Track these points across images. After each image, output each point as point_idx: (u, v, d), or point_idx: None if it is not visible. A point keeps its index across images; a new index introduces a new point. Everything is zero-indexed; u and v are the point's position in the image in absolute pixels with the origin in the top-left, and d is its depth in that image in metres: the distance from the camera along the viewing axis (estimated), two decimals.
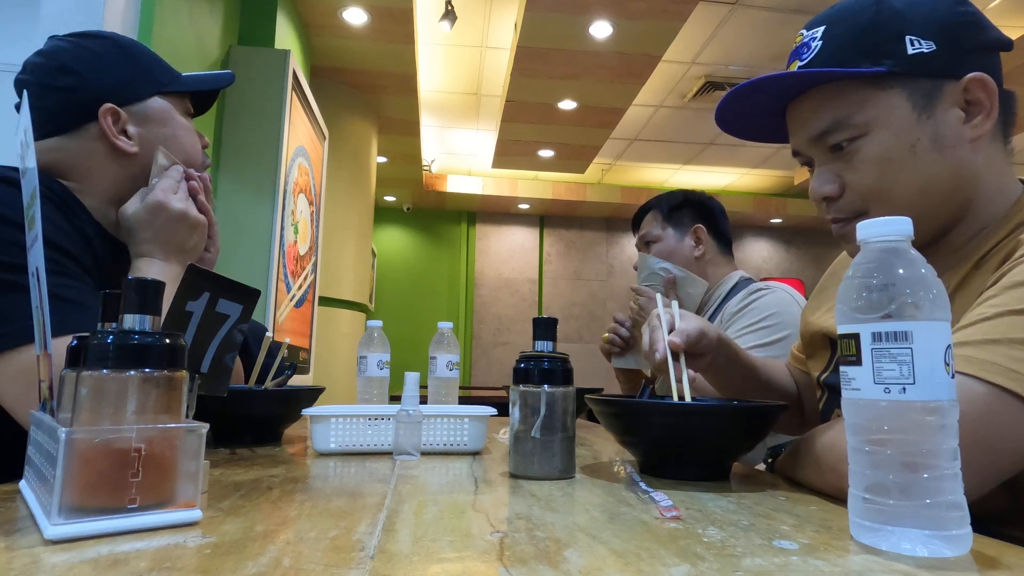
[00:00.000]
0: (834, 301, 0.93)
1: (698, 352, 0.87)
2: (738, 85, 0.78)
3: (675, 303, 0.88)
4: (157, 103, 1.01)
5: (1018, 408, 0.57)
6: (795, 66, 0.78)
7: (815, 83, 0.76)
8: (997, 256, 0.70)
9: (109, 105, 0.96)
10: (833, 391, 0.87)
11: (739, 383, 0.96)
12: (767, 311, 1.41)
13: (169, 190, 0.97)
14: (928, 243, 0.77)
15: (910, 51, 0.72)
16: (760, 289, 1.49)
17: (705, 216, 1.64)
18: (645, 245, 1.67)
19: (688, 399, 0.80)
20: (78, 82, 0.97)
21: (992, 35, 0.75)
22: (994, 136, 0.75)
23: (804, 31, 0.79)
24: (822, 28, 0.76)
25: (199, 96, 1.12)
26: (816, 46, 0.76)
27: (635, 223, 1.75)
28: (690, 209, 1.65)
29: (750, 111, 0.84)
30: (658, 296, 0.92)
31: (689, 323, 0.85)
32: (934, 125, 0.72)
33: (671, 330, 0.84)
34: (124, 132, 0.98)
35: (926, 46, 0.72)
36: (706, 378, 0.97)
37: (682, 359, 0.83)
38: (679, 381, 0.81)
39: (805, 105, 0.78)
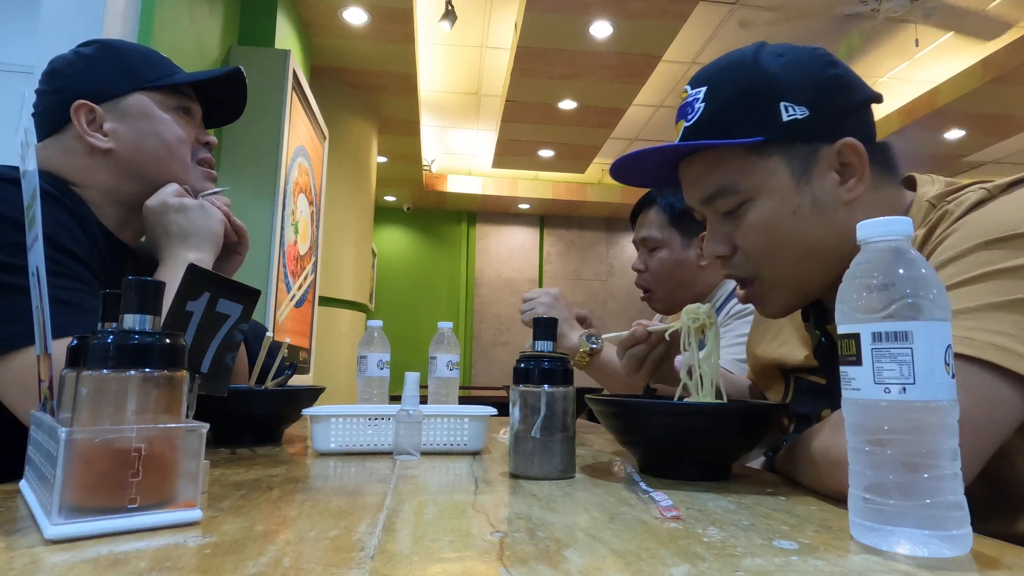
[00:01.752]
0: (776, 331, 0.97)
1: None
2: (626, 155, 0.80)
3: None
4: (136, 99, 0.99)
5: (976, 374, 0.59)
6: (681, 125, 0.79)
7: (699, 151, 0.78)
8: None
9: (81, 102, 0.96)
10: (800, 418, 0.89)
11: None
12: None
13: (171, 194, 0.99)
14: (831, 287, 0.79)
15: (785, 118, 0.73)
16: None
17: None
18: (646, 248, 1.56)
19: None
20: (62, 84, 0.98)
21: (862, 94, 0.77)
22: (876, 188, 0.76)
23: (688, 88, 0.79)
24: (704, 89, 0.77)
25: (215, 100, 1.10)
26: (699, 108, 0.77)
27: (633, 216, 1.63)
28: (693, 215, 1.60)
29: (648, 167, 0.85)
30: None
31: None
32: (812, 190, 0.74)
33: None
34: (101, 129, 0.97)
35: (800, 112, 0.73)
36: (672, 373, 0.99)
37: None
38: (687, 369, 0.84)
39: (693, 169, 0.80)
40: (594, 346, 1.36)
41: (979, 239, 0.65)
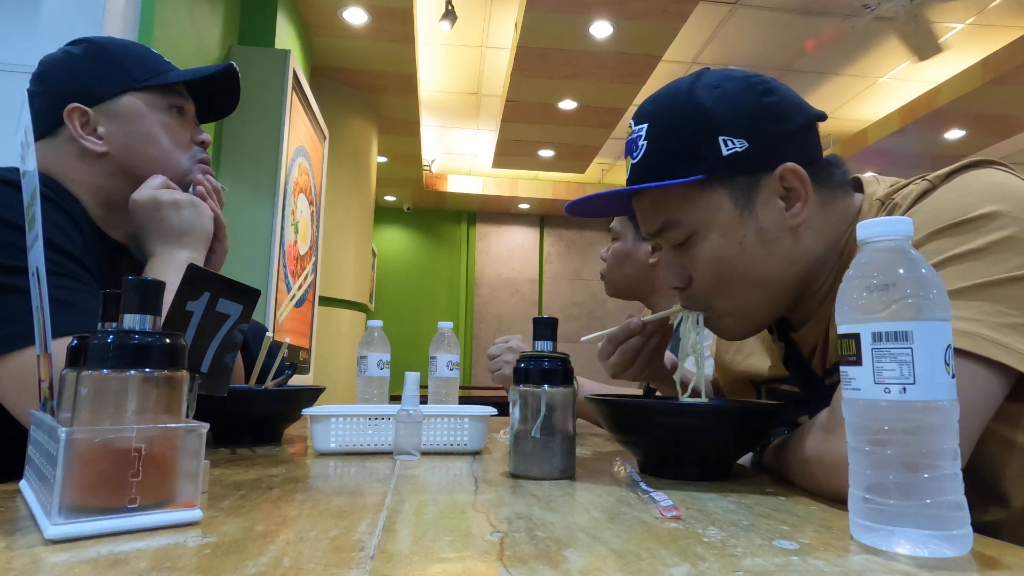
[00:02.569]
0: (741, 343, 0.97)
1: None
2: (581, 198, 0.83)
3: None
4: (127, 100, 0.98)
5: (956, 363, 0.58)
6: (628, 162, 0.80)
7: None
8: None
9: (74, 105, 0.95)
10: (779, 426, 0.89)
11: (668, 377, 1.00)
12: None
13: (159, 186, 0.98)
14: (792, 308, 0.81)
15: (724, 152, 0.73)
16: None
17: None
18: (610, 238, 1.66)
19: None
20: (52, 86, 0.98)
21: (802, 117, 0.76)
22: (824, 205, 0.77)
23: (632, 123, 0.80)
24: (646, 126, 0.78)
25: (208, 95, 1.09)
26: (642, 146, 0.77)
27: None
28: None
29: (603, 203, 0.86)
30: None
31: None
32: (756, 220, 0.75)
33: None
34: (95, 132, 0.97)
35: (739, 144, 0.73)
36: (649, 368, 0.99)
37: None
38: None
39: (641, 203, 0.82)
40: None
41: (928, 229, 0.65)
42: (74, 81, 0.97)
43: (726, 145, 0.73)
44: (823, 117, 0.79)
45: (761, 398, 0.94)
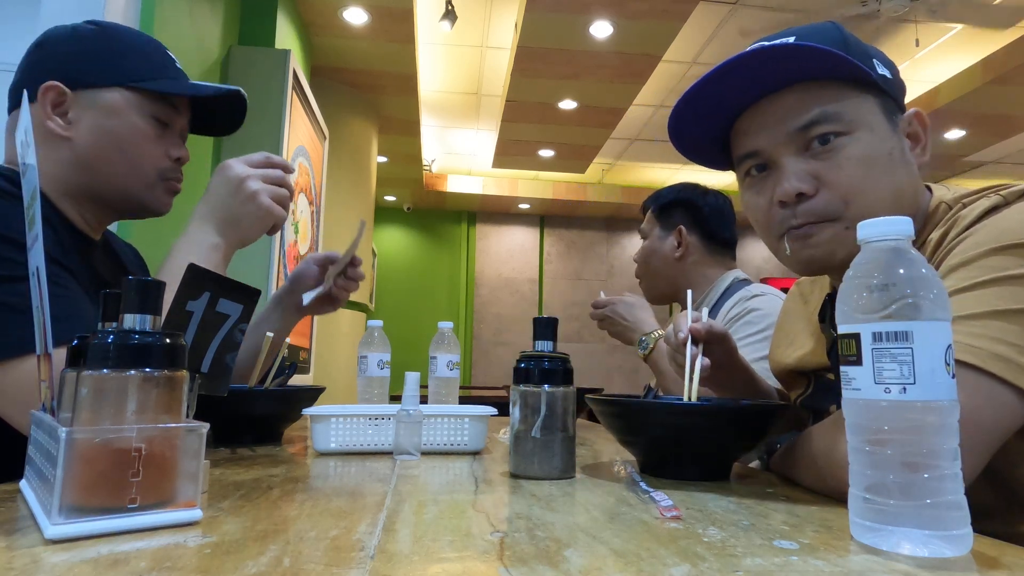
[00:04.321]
0: (792, 337, 0.97)
1: (715, 342, 0.87)
2: (731, 58, 0.73)
3: (705, 310, 0.91)
4: (111, 95, 0.92)
5: (979, 383, 0.59)
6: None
7: (807, 68, 0.73)
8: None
9: (51, 82, 0.90)
10: (815, 412, 0.89)
11: (740, 387, 0.97)
12: (767, 320, 1.39)
13: (257, 165, 0.96)
14: None
15: (879, 71, 0.76)
16: (756, 296, 1.46)
17: (693, 216, 1.62)
18: (641, 239, 1.69)
19: (696, 385, 0.81)
20: (41, 56, 0.93)
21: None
22: (920, 168, 0.79)
23: (765, 41, 0.77)
24: (793, 38, 0.76)
25: (210, 111, 1.04)
26: (794, 42, 0.73)
27: (644, 210, 1.75)
28: (679, 208, 1.63)
29: (705, 113, 0.80)
30: (688, 293, 0.95)
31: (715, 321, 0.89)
32: (900, 140, 0.77)
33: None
34: (65, 116, 0.91)
35: (888, 73, 0.77)
36: (713, 377, 0.96)
37: (700, 348, 0.84)
38: (692, 364, 0.82)
39: (787, 98, 0.76)
40: (642, 351, 1.45)
41: (990, 245, 0.65)
42: (67, 59, 0.92)
43: (878, 67, 0.76)
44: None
45: (810, 388, 0.93)
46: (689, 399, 0.80)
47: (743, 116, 0.80)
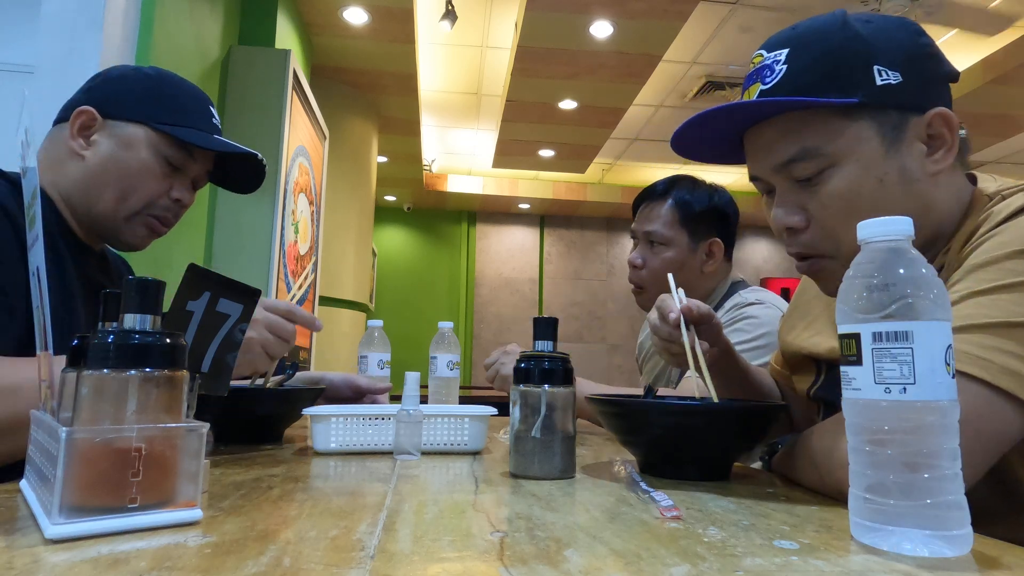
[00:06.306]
0: (810, 320, 0.94)
1: (704, 322, 0.87)
2: (704, 112, 0.74)
3: (681, 291, 0.88)
4: (136, 129, 0.99)
5: (988, 397, 0.58)
6: (756, 89, 0.74)
7: (783, 111, 0.73)
8: (958, 256, 0.71)
9: (85, 108, 0.97)
10: (828, 404, 0.87)
11: (736, 383, 0.97)
12: (761, 329, 1.33)
13: (262, 322, 0.91)
14: None
15: (879, 82, 0.70)
16: (752, 304, 1.39)
17: (724, 229, 1.49)
18: (647, 242, 1.49)
19: (708, 376, 0.80)
20: (95, 83, 1.01)
21: (947, 68, 0.74)
22: (952, 168, 0.74)
23: (764, 52, 0.75)
24: (786, 51, 0.73)
25: (228, 168, 1.10)
26: (780, 70, 0.72)
27: (637, 204, 1.54)
28: (713, 218, 1.48)
29: (708, 135, 0.81)
30: (670, 276, 0.92)
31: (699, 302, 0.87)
32: (901, 159, 0.71)
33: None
34: (88, 139, 0.98)
35: (893, 77, 0.70)
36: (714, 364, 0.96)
37: (692, 329, 0.83)
38: (693, 349, 0.81)
39: (769, 132, 0.75)
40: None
41: (1014, 247, 0.63)
42: (113, 92, 1.00)
43: (880, 75, 0.69)
44: (957, 77, 0.75)
45: (820, 376, 0.91)
46: (704, 394, 0.80)
47: (746, 136, 0.80)
